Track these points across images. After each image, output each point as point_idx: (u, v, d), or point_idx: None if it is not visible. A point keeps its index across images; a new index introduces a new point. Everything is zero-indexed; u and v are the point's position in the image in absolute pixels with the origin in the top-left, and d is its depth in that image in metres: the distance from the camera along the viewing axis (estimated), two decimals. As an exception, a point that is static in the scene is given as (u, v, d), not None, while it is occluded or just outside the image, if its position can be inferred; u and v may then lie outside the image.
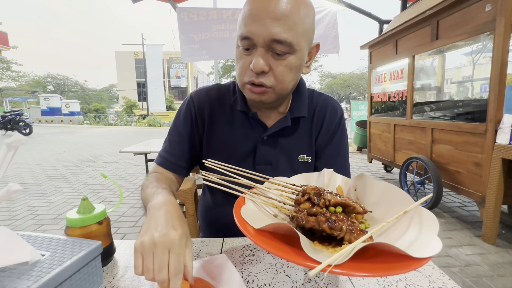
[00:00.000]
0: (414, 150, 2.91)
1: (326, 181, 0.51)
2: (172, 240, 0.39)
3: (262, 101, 0.59)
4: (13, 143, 0.32)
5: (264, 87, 0.56)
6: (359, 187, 0.47)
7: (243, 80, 0.57)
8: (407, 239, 0.33)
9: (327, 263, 0.27)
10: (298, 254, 0.30)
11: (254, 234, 0.35)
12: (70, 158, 5.62)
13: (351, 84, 31.13)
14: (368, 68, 3.99)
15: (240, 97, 0.67)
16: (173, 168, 0.68)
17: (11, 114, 10.07)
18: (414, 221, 0.35)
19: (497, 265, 1.67)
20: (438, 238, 0.31)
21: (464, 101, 2.57)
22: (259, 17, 0.51)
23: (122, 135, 10.74)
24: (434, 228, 0.33)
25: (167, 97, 24.03)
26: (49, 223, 2.39)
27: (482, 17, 2.02)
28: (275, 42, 0.51)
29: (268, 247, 0.32)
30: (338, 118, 0.70)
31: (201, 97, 0.70)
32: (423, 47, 2.72)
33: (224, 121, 0.69)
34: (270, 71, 0.55)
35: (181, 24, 3.88)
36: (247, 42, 0.53)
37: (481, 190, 2.06)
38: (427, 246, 0.30)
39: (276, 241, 0.34)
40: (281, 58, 0.54)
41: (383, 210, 0.41)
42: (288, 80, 0.57)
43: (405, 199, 0.39)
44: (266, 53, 0.53)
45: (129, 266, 0.51)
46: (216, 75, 10.90)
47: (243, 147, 0.68)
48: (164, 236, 0.39)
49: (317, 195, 0.40)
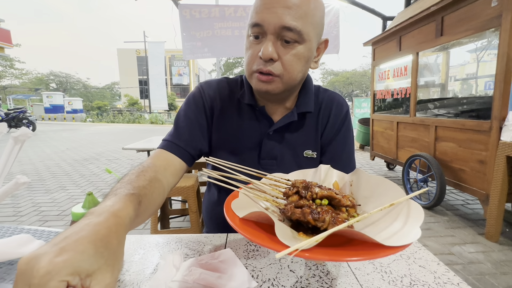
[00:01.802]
0: (417, 147, 2.89)
1: (322, 177, 0.52)
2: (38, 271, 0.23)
3: (269, 91, 0.58)
4: (19, 136, 0.32)
5: (271, 75, 0.56)
6: (354, 182, 0.48)
7: (251, 68, 0.57)
8: (391, 230, 0.34)
9: (295, 247, 0.28)
10: (273, 241, 0.32)
11: (238, 222, 0.37)
12: (73, 155, 5.65)
13: (354, 82, 30.95)
14: (371, 65, 3.96)
15: (248, 90, 0.66)
16: (181, 153, 0.61)
17: (14, 112, 10.14)
18: (402, 213, 0.36)
19: (500, 263, 1.66)
20: (419, 229, 0.32)
21: (468, 98, 2.55)
22: (271, 5, 0.52)
23: (125, 133, 10.78)
24: (418, 219, 0.34)
25: (169, 95, 24.04)
26: (53, 219, 2.41)
27: (488, 12, 1.99)
28: (285, 29, 0.52)
29: (247, 234, 0.34)
30: (344, 113, 0.70)
31: (212, 88, 0.70)
32: (427, 43, 2.70)
33: (232, 114, 0.68)
34: (279, 59, 0.55)
35: (183, 21, 3.86)
36: (257, 29, 0.54)
37: (484, 188, 2.05)
38: (404, 236, 0.31)
39: (258, 230, 0.36)
40: (290, 47, 0.54)
41: (375, 203, 0.42)
42: (297, 70, 0.57)
43: (396, 192, 0.40)
44: (276, 41, 0.54)
45: (132, 261, 0.51)
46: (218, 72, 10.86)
47: (249, 141, 0.67)
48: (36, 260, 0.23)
49: (305, 188, 0.41)
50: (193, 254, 0.53)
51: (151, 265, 0.49)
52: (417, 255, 0.53)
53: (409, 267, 0.49)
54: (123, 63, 30.57)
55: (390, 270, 0.48)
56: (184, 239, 0.59)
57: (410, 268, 0.48)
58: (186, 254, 0.53)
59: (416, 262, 0.50)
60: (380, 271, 0.47)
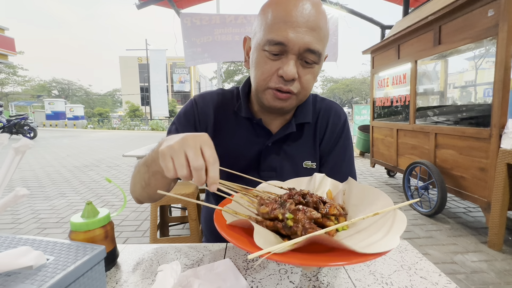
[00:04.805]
0: (418, 154, 2.89)
1: (316, 186, 0.53)
2: (202, 137, 0.37)
3: (284, 108, 0.59)
4: (20, 147, 0.32)
5: (290, 93, 0.56)
6: (346, 191, 0.49)
7: (267, 85, 0.56)
8: (372, 239, 0.35)
9: (267, 250, 0.30)
10: (253, 244, 0.33)
11: (225, 228, 0.40)
12: (73, 162, 5.65)
13: (353, 89, 31.17)
14: (371, 73, 4.00)
15: (245, 103, 0.66)
16: None
17: (16, 118, 10.19)
18: (387, 223, 0.37)
19: (504, 272, 1.64)
20: (398, 239, 0.33)
21: (467, 106, 2.56)
22: (296, 25, 0.50)
23: (125, 139, 10.80)
24: (400, 229, 0.35)
25: (170, 102, 24.19)
26: (52, 227, 2.39)
27: (484, 22, 2.02)
28: (308, 52, 0.52)
29: (231, 238, 0.36)
30: (342, 122, 0.70)
31: (205, 102, 0.69)
32: (426, 52, 2.73)
33: (228, 127, 0.68)
34: (298, 79, 0.55)
35: (184, 28, 3.93)
36: (279, 48, 0.52)
37: (486, 195, 2.03)
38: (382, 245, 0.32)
39: (243, 234, 0.39)
40: (309, 67, 0.55)
41: (364, 212, 0.42)
42: (311, 88, 0.59)
43: (385, 202, 0.41)
44: (297, 61, 0.54)
45: (133, 271, 0.51)
46: (218, 79, 10.95)
47: (247, 154, 0.67)
48: (193, 136, 0.37)
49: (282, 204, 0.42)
50: (191, 264, 0.52)
51: (150, 276, 0.49)
52: (418, 266, 0.52)
53: (410, 278, 0.48)
54: (125, 71, 30.88)
55: (391, 282, 0.47)
56: (183, 248, 0.59)
57: (411, 280, 0.48)
58: (185, 264, 0.52)
59: (417, 273, 0.50)
60: (381, 283, 0.47)
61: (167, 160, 0.37)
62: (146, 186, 0.56)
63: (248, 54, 0.63)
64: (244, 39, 0.64)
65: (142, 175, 0.56)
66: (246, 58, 0.64)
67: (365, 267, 0.51)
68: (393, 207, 0.39)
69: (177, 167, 0.36)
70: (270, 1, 0.55)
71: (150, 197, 0.61)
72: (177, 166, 0.36)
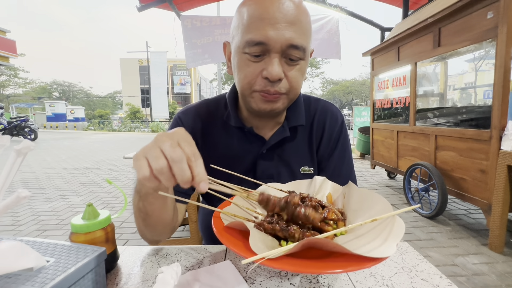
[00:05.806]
0: (418, 156, 2.89)
1: (317, 188, 0.52)
2: (180, 133, 0.34)
3: (274, 109, 0.55)
4: (22, 149, 0.32)
5: (278, 94, 0.53)
6: (346, 195, 0.49)
7: (252, 88, 0.53)
8: (370, 246, 0.34)
9: (261, 256, 0.30)
10: (247, 249, 0.33)
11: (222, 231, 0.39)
12: (74, 163, 5.65)
13: (353, 91, 31.21)
14: (371, 75, 4.01)
15: (233, 111, 0.63)
16: None
17: (17, 120, 10.21)
18: (386, 230, 0.37)
19: (505, 275, 1.63)
20: (394, 246, 0.32)
21: (467, 108, 2.56)
22: (275, 21, 0.47)
23: (126, 141, 10.81)
24: (397, 236, 0.34)
25: (170, 104, 24.24)
26: (52, 229, 2.39)
27: (484, 24, 2.03)
28: (291, 48, 0.49)
29: (227, 241, 0.35)
30: (339, 125, 0.68)
31: (190, 117, 0.65)
32: (425, 54, 2.73)
33: (219, 138, 0.65)
34: (284, 78, 0.52)
35: (185, 30, 3.94)
36: (259, 48, 0.49)
37: (487, 197, 2.03)
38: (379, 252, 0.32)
39: (240, 238, 0.38)
40: (295, 64, 0.51)
41: (363, 217, 0.42)
42: (300, 85, 0.55)
43: (384, 207, 0.41)
44: (281, 59, 0.50)
45: (133, 273, 0.51)
46: (219, 81, 10.99)
47: (242, 164, 0.64)
48: (167, 133, 0.34)
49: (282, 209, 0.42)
50: (192, 266, 0.52)
51: (150, 278, 0.49)
52: (419, 268, 0.52)
53: (411, 281, 0.48)
54: (125, 73, 30.99)
55: (392, 284, 0.47)
56: (183, 250, 0.59)
57: (412, 282, 0.48)
58: (186, 266, 0.52)
59: (418, 275, 0.50)
60: (382, 285, 0.47)
61: (140, 160, 0.32)
62: (146, 216, 0.51)
63: (229, 59, 0.59)
64: (223, 44, 0.61)
65: (137, 205, 0.51)
66: (228, 64, 0.60)
67: (366, 269, 0.51)
68: (392, 213, 0.38)
69: (150, 160, 0.31)
70: (244, 0, 0.52)
71: (157, 229, 0.54)
72: (151, 159, 0.31)
